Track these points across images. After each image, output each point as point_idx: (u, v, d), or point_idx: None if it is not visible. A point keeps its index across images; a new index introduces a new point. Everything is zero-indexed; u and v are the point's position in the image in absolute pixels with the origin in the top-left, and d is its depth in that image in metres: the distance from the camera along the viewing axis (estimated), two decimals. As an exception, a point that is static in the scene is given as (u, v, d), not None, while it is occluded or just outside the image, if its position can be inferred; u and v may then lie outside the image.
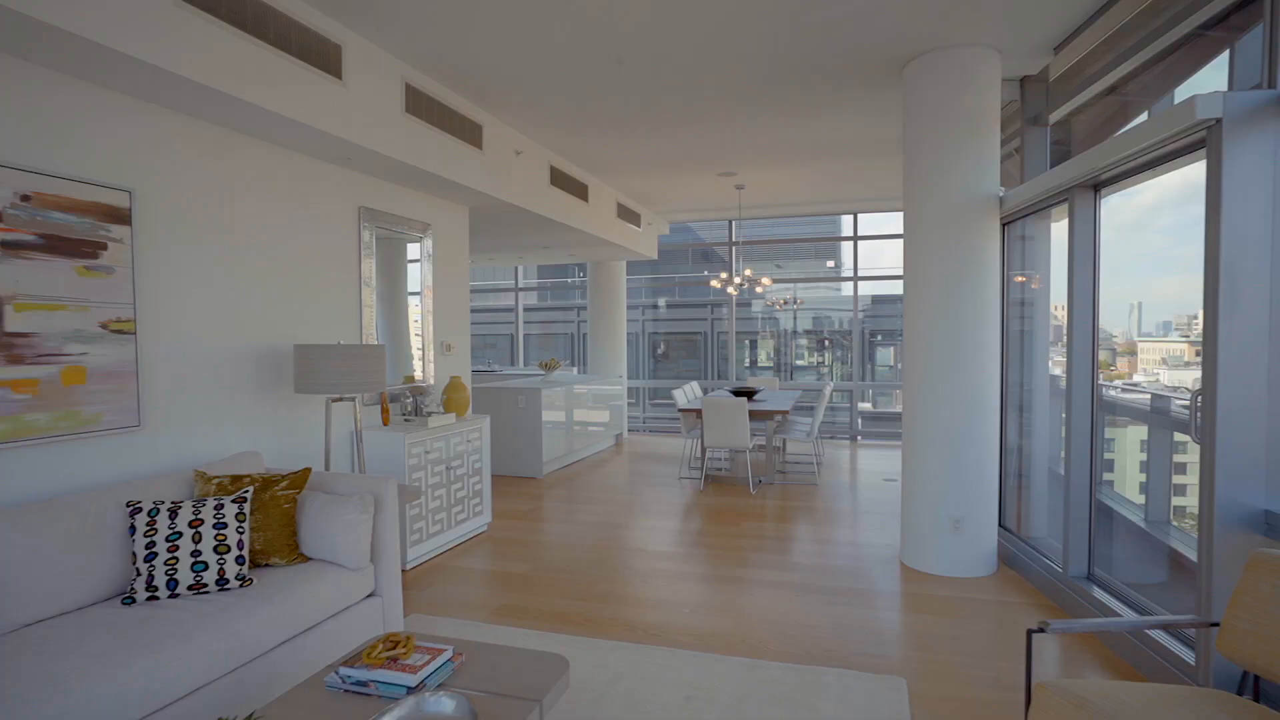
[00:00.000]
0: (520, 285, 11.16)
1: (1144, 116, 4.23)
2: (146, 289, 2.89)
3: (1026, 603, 3.51)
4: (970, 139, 3.83)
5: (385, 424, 4.21)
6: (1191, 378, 4.99)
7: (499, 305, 13.74)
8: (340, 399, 3.51)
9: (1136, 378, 4.97)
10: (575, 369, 11.46)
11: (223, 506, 2.50)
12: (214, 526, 2.44)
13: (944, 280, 3.88)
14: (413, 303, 4.85)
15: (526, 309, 14.23)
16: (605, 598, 3.65)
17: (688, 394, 7.45)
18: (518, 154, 5.29)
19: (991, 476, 3.92)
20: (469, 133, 4.61)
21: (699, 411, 6.31)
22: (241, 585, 2.45)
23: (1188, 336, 4.96)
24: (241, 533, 2.50)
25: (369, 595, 2.86)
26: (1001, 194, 3.90)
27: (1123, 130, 3.53)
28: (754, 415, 6.17)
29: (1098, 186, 3.26)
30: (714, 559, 4.27)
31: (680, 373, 13.24)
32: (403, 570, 4.06)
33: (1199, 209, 3.94)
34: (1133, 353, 5.11)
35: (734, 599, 3.62)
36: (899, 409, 11.21)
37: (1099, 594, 3.18)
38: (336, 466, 3.93)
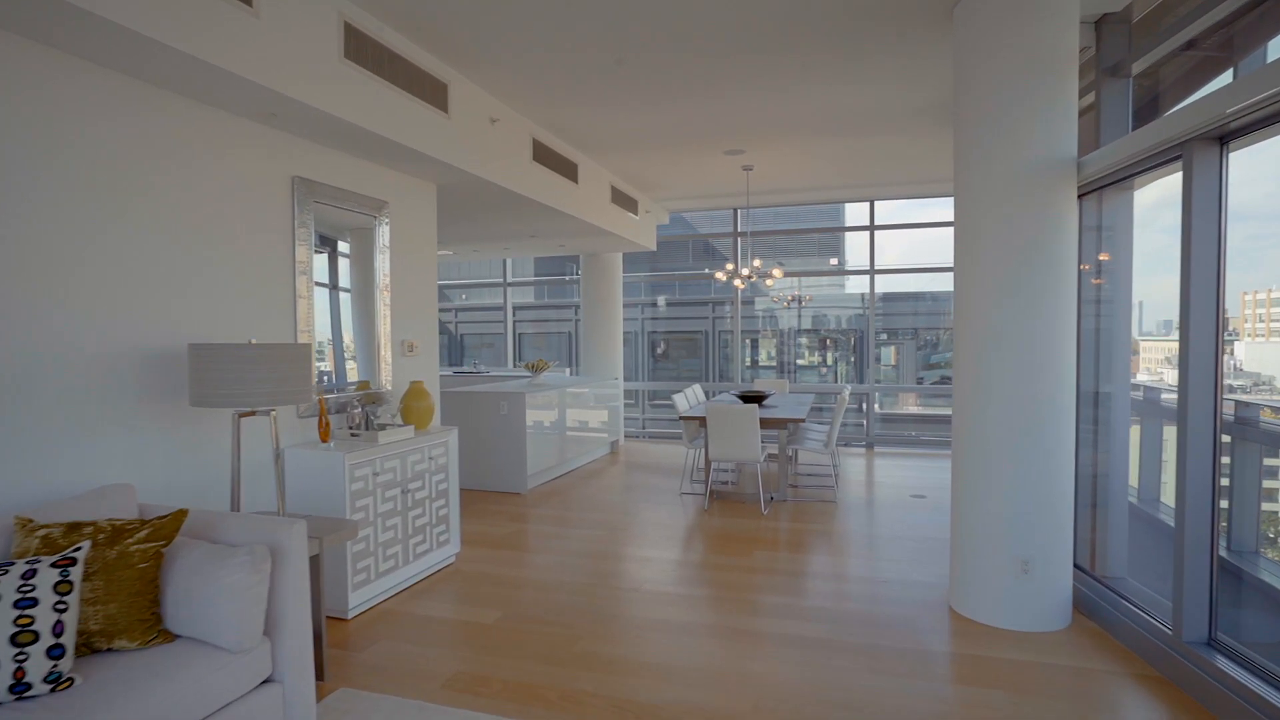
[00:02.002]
0: (509, 280, 10.41)
1: (1228, 76, 3.53)
2: (-34, 269, 2.15)
3: (1125, 672, 2.76)
4: (1040, 90, 3.08)
5: (325, 440, 3.47)
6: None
7: (495, 303, 12.98)
8: (253, 413, 2.77)
9: (1141, 377, 4.58)
10: (568, 370, 10.73)
11: (34, 574, 1.76)
12: (15, 605, 1.70)
13: (1007, 266, 3.14)
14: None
15: (522, 307, 13.48)
16: (588, 661, 2.91)
17: (689, 398, 6.71)
18: (493, 122, 4.55)
19: (1066, 506, 3.18)
20: (431, 92, 3.87)
21: (703, 419, 5.58)
22: (55, 689, 1.71)
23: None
24: (62, 609, 1.76)
25: (264, 681, 2.12)
26: (1079, 158, 3.16)
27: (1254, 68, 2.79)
28: (765, 423, 5.43)
29: (1224, 139, 2.52)
30: (722, 602, 3.54)
31: (681, 373, 12.51)
32: (342, 620, 3.33)
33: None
34: (1136, 352, 4.87)
35: (749, 662, 2.88)
36: (908, 410, 10.48)
37: (1226, 666, 2.45)
38: (253, 499, 3.19)
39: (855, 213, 9.38)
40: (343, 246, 3.97)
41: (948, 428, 9.74)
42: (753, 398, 6.23)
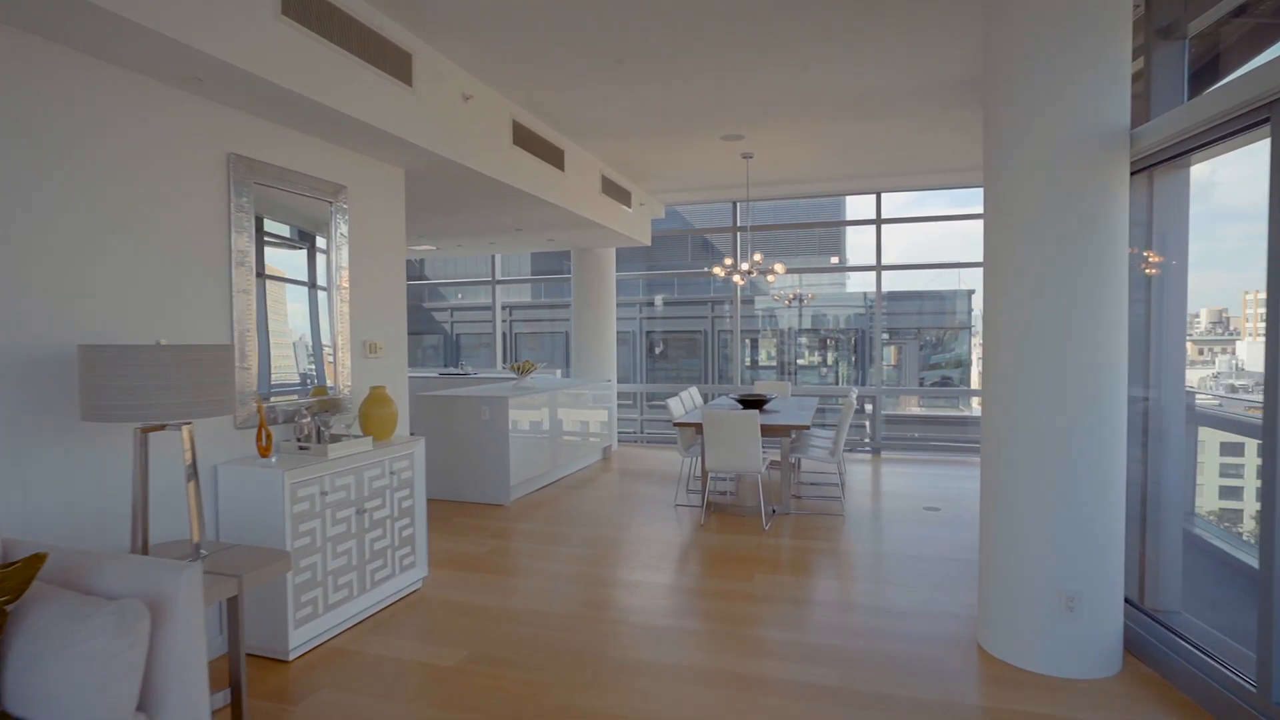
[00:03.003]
0: (499, 278, 9.97)
1: (1275, 50, 3.12)
2: None
3: (1194, 736, 2.34)
4: (1087, 51, 2.65)
5: (265, 455, 3.04)
6: (1197, 377, 4.52)
7: (490, 302, 12.61)
8: (162, 428, 2.34)
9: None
10: (559, 372, 10.30)
11: None
12: None
13: (1048, 253, 2.71)
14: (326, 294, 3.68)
15: (517, 306, 13.06)
16: (561, 718, 2.48)
17: (685, 402, 6.27)
18: (466, 99, 4.12)
19: (1117, 531, 2.75)
20: (390, 61, 3.44)
21: (699, 426, 5.15)
22: None
23: (1189, 335, 4.45)
24: None
25: (140, 771, 1.69)
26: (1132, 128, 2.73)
27: None
28: (766, 430, 4.99)
29: (1323, 96, 2.09)
30: (719, 639, 3.11)
31: (680, 374, 12.10)
32: (282, 662, 2.90)
33: (1199, 208, 3.08)
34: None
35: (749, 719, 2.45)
36: (911, 411, 10.08)
37: (1326, 737, 2.02)
38: (173, 528, 2.75)
39: (857, 211, 8.96)
40: (321, 243, 3.58)
41: (953, 429, 9.33)
42: (753, 402, 5.80)
